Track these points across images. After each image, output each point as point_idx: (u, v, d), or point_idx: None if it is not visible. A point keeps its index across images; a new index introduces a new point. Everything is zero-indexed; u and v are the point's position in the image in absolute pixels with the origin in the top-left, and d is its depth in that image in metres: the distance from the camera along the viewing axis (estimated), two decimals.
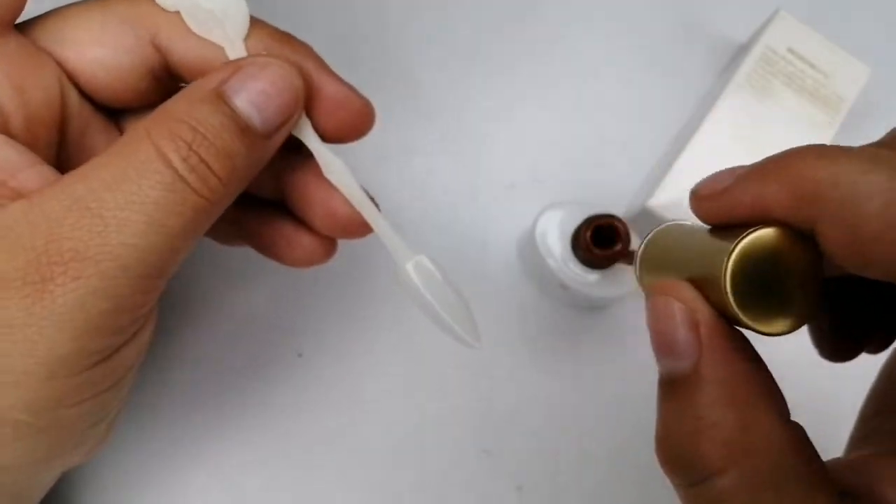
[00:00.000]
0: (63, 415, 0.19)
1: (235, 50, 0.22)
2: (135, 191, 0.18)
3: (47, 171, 0.20)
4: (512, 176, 0.38)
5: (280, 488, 0.33)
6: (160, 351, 0.33)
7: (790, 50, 0.37)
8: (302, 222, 0.25)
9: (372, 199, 0.23)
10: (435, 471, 0.34)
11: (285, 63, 0.21)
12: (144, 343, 0.22)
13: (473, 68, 0.40)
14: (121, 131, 0.25)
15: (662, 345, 0.17)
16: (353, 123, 0.23)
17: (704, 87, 0.41)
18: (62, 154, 0.23)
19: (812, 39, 0.38)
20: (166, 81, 0.24)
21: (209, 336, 0.34)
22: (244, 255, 0.35)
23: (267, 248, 0.26)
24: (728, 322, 0.17)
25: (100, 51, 0.22)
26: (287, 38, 0.23)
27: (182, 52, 0.22)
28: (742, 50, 0.40)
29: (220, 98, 0.20)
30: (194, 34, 0.22)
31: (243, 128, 0.20)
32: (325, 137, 0.23)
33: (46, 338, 0.18)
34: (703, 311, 0.16)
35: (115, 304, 0.19)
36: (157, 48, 0.22)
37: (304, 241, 0.26)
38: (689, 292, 0.17)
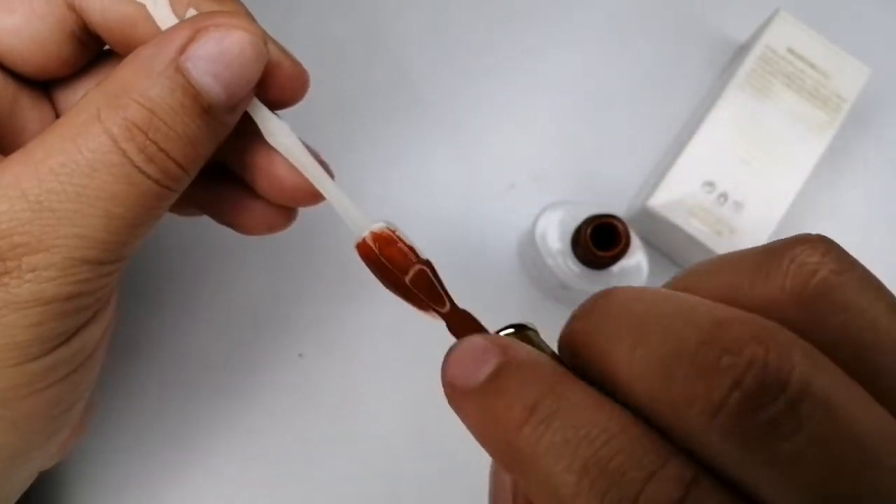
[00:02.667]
0: (34, 401, 0.19)
1: (159, 8, 0.19)
2: (88, 184, 0.17)
3: None
4: (512, 176, 0.38)
5: (280, 488, 0.33)
6: (159, 350, 0.33)
7: (790, 50, 0.37)
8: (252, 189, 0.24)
9: (324, 165, 0.21)
10: (436, 470, 0.34)
11: (249, 26, 0.19)
12: (108, 319, 0.21)
13: (473, 68, 0.40)
14: (53, 104, 0.23)
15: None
16: (292, 89, 0.21)
17: (704, 87, 0.41)
18: None
19: (812, 39, 0.38)
20: (92, 43, 0.21)
21: (210, 336, 0.34)
22: (244, 255, 0.35)
23: (221, 216, 0.25)
24: None
25: (10, 19, 0.20)
26: None
27: (99, 12, 0.20)
28: (742, 50, 0.40)
29: (179, 72, 0.18)
30: None
31: (205, 108, 0.18)
32: (263, 102, 0.21)
33: (5, 326, 0.17)
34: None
35: (73, 290, 0.18)
36: (72, 8, 0.20)
37: (256, 209, 0.24)
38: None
